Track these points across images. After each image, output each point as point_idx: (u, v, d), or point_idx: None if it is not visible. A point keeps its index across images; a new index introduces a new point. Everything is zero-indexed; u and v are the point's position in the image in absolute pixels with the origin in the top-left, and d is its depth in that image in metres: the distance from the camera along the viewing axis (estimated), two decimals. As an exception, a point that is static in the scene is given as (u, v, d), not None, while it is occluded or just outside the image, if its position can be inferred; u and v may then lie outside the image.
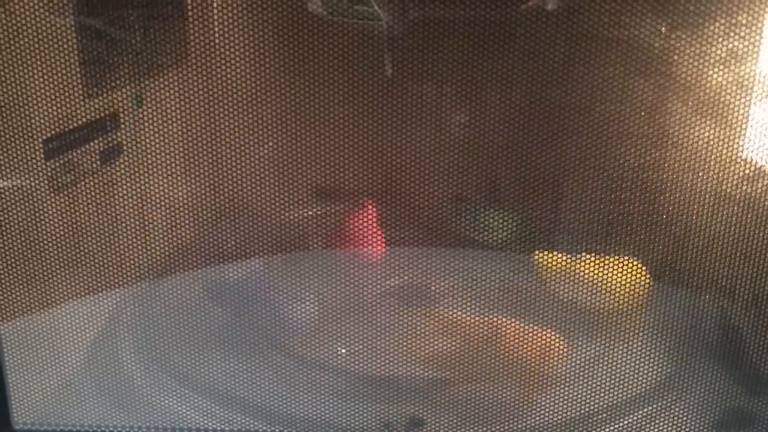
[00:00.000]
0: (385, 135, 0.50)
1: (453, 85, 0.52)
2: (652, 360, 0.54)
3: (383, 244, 0.57)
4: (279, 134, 0.52)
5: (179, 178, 0.53)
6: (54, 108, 0.50)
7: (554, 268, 0.58)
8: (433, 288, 0.60)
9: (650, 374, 0.54)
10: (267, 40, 0.49)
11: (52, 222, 0.53)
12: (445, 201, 0.56)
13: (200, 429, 0.53)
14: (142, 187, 0.54)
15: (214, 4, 0.50)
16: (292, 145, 0.52)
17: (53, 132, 0.52)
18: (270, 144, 0.52)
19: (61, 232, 0.53)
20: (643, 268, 0.54)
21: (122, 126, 0.57)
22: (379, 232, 0.56)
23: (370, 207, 0.56)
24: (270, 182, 0.53)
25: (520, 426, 0.53)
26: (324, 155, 0.52)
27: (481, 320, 0.55)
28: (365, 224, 0.57)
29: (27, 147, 0.51)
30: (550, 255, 0.58)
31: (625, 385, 0.53)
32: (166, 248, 0.56)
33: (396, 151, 0.50)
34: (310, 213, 0.60)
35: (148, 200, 0.54)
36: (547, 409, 0.53)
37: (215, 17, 0.50)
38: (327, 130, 0.51)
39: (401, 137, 0.50)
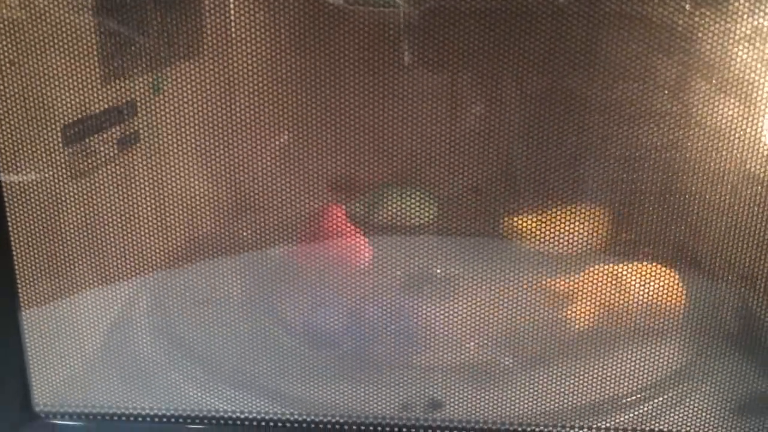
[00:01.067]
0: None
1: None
2: (673, 347, 0.54)
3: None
4: (296, 123, 0.52)
5: (197, 165, 0.53)
6: (72, 95, 0.51)
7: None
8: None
9: (672, 361, 0.54)
10: (285, 27, 0.49)
11: (71, 208, 0.53)
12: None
13: (218, 412, 0.53)
14: (160, 174, 0.54)
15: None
16: (309, 134, 0.52)
17: (72, 119, 0.52)
18: (286, 133, 0.53)
19: (80, 218, 0.53)
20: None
21: (139, 113, 0.58)
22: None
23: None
24: (285, 172, 0.53)
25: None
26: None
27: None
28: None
29: (46, 133, 0.51)
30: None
31: (650, 371, 0.53)
32: (184, 235, 0.56)
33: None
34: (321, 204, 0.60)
35: (166, 187, 0.54)
36: (559, 394, 0.53)
37: (232, 5, 0.50)
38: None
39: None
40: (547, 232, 0.53)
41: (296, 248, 0.60)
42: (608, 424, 0.52)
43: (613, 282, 0.55)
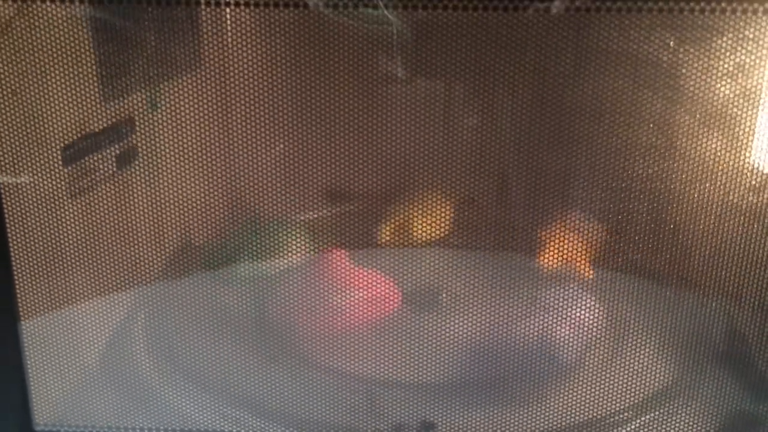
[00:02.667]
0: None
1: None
2: (658, 365, 0.55)
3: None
4: (292, 136, 0.52)
5: (194, 179, 0.54)
6: (71, 115, 0.51)
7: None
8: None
9: (657, 379, 0.55)
10: (279, 44, 0.50)
11: (70, 225, 0.54)
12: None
13: (215, 430, 0.54)
14: (157, 190, 0.55)
15: (227, 10, 0.50)
16: (306, 146, 0.53)
17: (71, 139, 0.53)
18: (283, 146, 0.53)
19: (79, 235, 0.54)
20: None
21: (137, 130, 0.58)
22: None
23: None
24: (282, 184, 0.54)
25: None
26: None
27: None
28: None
29: (46, 154, 0.52)
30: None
31: (634, 389, 0.54)
32: (181, 249, 0.57)
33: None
34: (323, 213, 0.61)
35: (163, 202, 0.55)
36: (554, 411, 0.54)
37: (228, 22, 0.50)
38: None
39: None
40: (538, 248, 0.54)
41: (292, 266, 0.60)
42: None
43: (596, 298, 0.56)
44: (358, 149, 0.52)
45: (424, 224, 0.58)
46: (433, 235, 0.57)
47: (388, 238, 0.62)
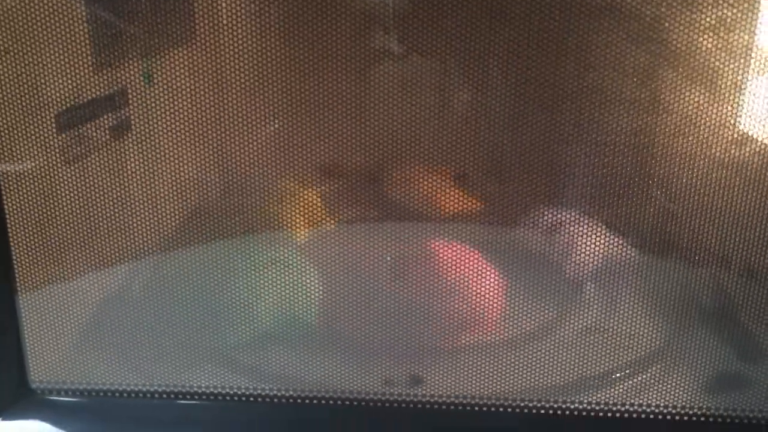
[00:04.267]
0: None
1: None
2: (653, 328, 0.56)
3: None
4: (286, 111, 0.53)
5: (189, 150, 0.55)
6: (65, 83, 0.52)
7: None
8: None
9: (652, 341, 0.56)
10: (274, 16, 0.50)
11: (65, 190, 0.54)
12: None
13: (207, 388, 0.55)
14: (151, 160, 0.55)
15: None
16: (300, 122, 0.53)
17: (65, 106, 0.54)
18: (277, 120, 0.54)
19: (75, 199, 0.55)
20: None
21: (131, 102, 0.59)
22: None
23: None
24: (276, 158, 0.55)
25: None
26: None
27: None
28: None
29: (40, 120, 0.52)
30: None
31: (624, 351, 0.55)
32: (174, 219, 0.57)
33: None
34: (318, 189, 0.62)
35: (157, 173, 0.55)
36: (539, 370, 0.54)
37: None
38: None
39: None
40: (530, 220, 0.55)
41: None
42: (589, 400, 0.53)
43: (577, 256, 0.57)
44: (353, 123, 0.52)
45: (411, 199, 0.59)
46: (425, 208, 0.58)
47: (377, 211, 0.62)
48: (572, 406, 0.53)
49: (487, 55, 0.49)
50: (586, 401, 0.53)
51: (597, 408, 0.53)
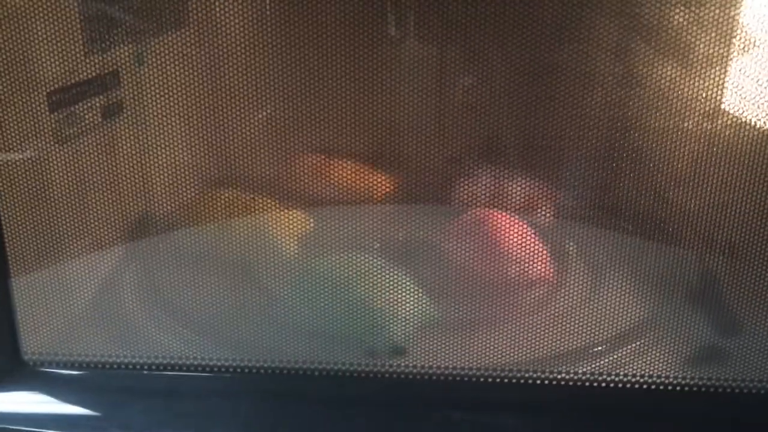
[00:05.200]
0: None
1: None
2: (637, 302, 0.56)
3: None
4: (280, 94, 0.53)
5: (181, 131, 0.55)
6: (57, 63, 0.52)
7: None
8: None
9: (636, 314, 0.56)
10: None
11: (58, 170, 0.55)
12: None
13: (195, 359, 0.56)
14: (143, 142, 0.56)
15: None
16: (293, 105, 0.54)
17: (57, 85, 0.54)
18: (270, 104, 0.54)
19: (66, 178, 0.56)
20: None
21: (123, 83, 0.59)
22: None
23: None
24: (269, 141, 0.55)
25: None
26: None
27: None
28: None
29: (32, 99, 0.53)
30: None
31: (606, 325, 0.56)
32: (168, 193, 0.58)
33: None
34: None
35: (149, 154, 0.56)
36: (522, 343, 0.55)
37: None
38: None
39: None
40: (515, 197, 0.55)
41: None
42: (573, 372, 0.54)
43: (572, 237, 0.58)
44: (348, 105, 0.53)
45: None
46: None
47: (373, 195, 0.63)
48: (559, 377, 0.54)
49: (462, 36, 0.50)
50: (571, 371, 0.54)
51: (584, 378, 0.54)
